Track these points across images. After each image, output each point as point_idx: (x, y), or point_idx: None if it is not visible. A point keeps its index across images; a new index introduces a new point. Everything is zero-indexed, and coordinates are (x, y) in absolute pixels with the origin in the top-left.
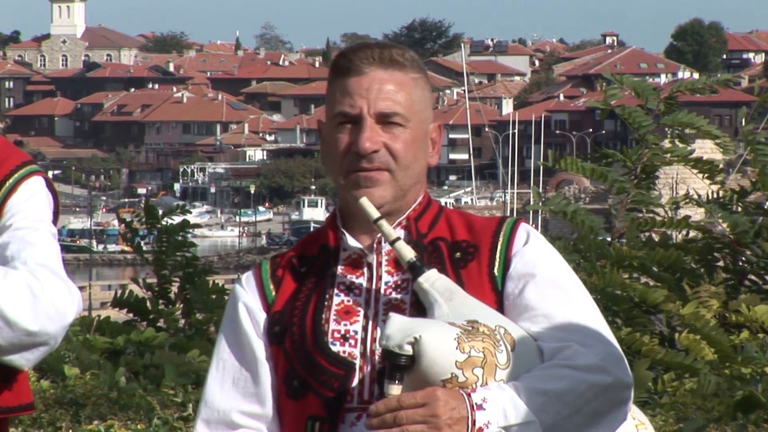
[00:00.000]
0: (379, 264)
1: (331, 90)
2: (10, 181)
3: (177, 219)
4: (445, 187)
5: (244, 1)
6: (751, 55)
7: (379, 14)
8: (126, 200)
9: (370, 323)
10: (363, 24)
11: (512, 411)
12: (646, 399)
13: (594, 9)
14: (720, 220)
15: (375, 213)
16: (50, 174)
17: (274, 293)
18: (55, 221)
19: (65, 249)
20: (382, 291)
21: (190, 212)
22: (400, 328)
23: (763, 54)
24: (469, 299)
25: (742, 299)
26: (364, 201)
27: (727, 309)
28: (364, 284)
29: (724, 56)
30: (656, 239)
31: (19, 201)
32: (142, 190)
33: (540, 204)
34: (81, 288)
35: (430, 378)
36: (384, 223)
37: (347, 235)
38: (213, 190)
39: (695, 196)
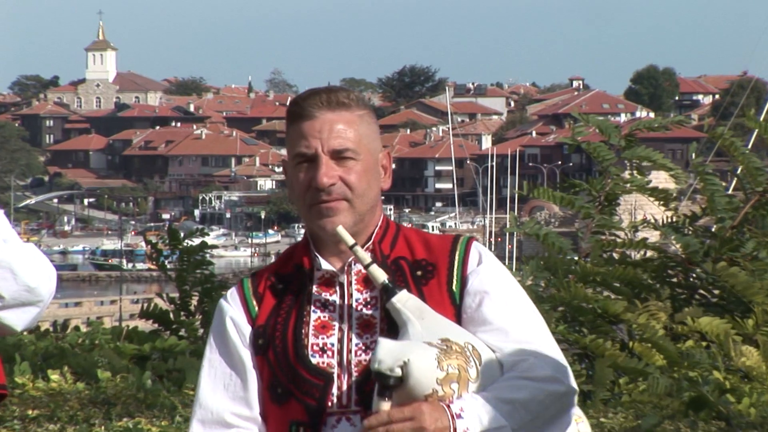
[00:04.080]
0: (350, 283)
1: (288, 134)
2: None
3: (196, 241)
4: (432, 213)
5: (256, 50)
6: (700, 96)
7: (373, 60)
8: (152, 224)
9: (345, 336)
10: (359, 69)
11: (486, 418)
12: (610, 399)
13: (562, 55)
14: (673, 242)
15: (350, 240)
16: (85, 201)
17: (257, 308)
18: None
19: (99, 267)
20: (354, 307)
21: (208, 235)
22: (389, 352)
23: (711, 96)
24: (438, 317)
25: (687, 312)
26: (341, 229)
27: (674, 321)
28: (337, 301)
29: (677, 98)
30: (617, 258)
31: None
32: (166, 216)
33: (516, 227)
34: (112, 302)
35: (415, 394)
36: (359, 248)
37: (320, 258)
38: (228, 215)
39: (652, 221)
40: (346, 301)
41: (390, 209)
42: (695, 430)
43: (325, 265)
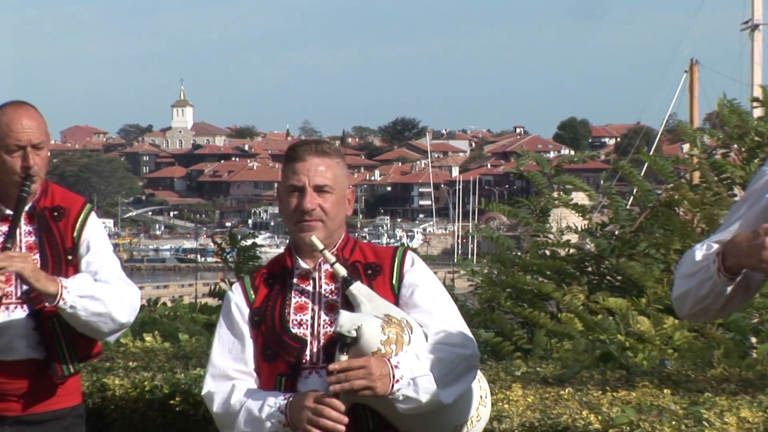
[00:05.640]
0: (320, 278)
1: (285, 169)
2: (80, 221)
3: (249, 241)
4: (417, 222)
5: (291, 105)
6: (606, 139)
7: (374, 113)
8: (218, 230)
9: (316, 315)
10: (365, 119)
11: (415, 368)
12: (543, 354)
13: (509, 109)
14: (589, 242)
15: (320, 246)
16: (171, 214)
17: (254, 296)
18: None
19: (180, 260)
20: (323, 294)
21: (258, 237)
22: (348, 320)
23: (614, 139)
24: (382, 301)
25: (600, 294)
26: (314, 239)
27: (589, 299)
28: (311, 290)
29: (590, 140)
30: (548, 254)
31: (91, 232)
32: (228, 224)
33: (476, 232)
34: (190, 285)
35: (365, 351)
36: (327, 252)
37: (299, 259)
38: (272, 223)
39: (573, 227)
40: (317, 291)
41: (387, 219)
42: (604, 376)
43: (303, 264)
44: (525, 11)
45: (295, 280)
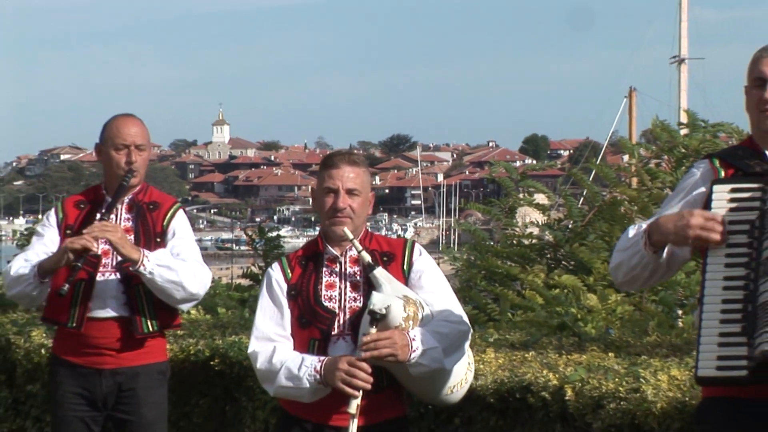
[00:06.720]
0: (345, 262)
1: (321, 174)
2: (170, 213)
3: (274, 234)
4: (409, 218)
5: (308, 124)
6: (562, 151)
7: (375, 129)
8: (250, 224)
9: (343, 291)
10: (367, 134)
11: (427, 341)
12: (509, 319)
13: (484, 126)
14: (548, 234)
15: (351, 235)
16: (212, 212)
17: (290, 274)
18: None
19: (219, 249)
20: (348, 275)
21: (281, 230)
22: (380, 300)
23: (568, 151)
24: (399, 284)
25: (555, 273)
26: (346, 230)
27: (548, 278)
28: (338, 271)
29: (548, 152)
30: (515, 243)
31: (178, 223)
32: (258, 219)
33: (458, 225)
34: (227, 268)
35: (390, 325)
36: (356, 241)
37: (328, 246)
38: (293, 219)
39: (535, 222)
40: (343, 272)
41: (385, 216)
42: (561, 342)
43: (332, 250)
44: (498, 47)
45: (325, 263)
